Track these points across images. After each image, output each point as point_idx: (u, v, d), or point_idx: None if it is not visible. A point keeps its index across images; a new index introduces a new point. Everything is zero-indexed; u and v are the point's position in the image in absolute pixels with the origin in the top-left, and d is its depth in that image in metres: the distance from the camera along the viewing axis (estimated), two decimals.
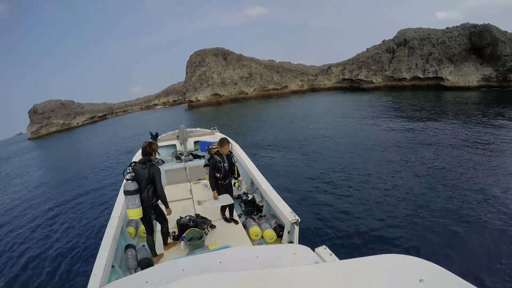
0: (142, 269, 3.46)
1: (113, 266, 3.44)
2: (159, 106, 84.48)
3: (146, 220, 3.94)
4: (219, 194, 4.62)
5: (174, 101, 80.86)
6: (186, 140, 8.31)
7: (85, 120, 77.97)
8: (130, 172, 3.68)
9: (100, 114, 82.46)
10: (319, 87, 54.03)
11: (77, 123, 75.82)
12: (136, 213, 3.66)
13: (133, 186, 3.61)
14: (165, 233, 4.22)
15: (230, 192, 4.78)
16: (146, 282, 1.77)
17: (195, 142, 8.34)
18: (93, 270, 3.07)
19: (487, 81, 43.00)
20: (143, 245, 4.20)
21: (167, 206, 4.04)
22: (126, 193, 3.61)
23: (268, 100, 49.62)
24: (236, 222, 4.80)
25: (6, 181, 18.58)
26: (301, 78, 56.77)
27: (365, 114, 23.02)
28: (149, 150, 3.96)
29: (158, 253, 4.06)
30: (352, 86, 50.06)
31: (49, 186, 14.55)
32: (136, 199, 3.62)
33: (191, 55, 61.03)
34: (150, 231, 4.03)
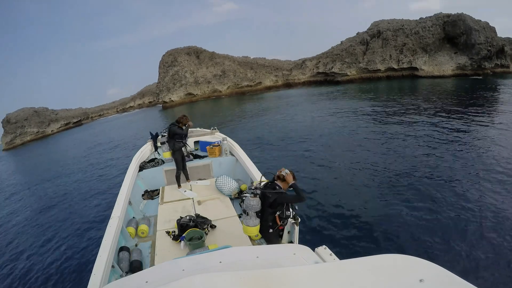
0: (132, 272, 3.43)
1: (113, 266, 3.38)
2: (136, 109, 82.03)
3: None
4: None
5: (150, 102, 78.29)
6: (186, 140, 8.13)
7: (60, 127, 74.93)
8: None
9: (75, 120, 79.51)
10: (293, 81, 52.45)
11: (52, 131, 72.73)
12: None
13: None
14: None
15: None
16: (146, 282, 1.77)
17: (195, 142, 8.11)
18: (93, 270, 2.98)
19: (462, 69, 42.09)
20: (136, 245, 4.19)
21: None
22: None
23: (242, 98, 47.78)
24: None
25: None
26: (276, 74, 55.14)
27: (347, 108, 21.93)
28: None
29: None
30: (326, 80, 48.69)
31: (45, 189, 14.27)
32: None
33: (163, 55, 59.09)
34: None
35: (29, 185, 16.55)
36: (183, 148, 6.19)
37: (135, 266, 3.61)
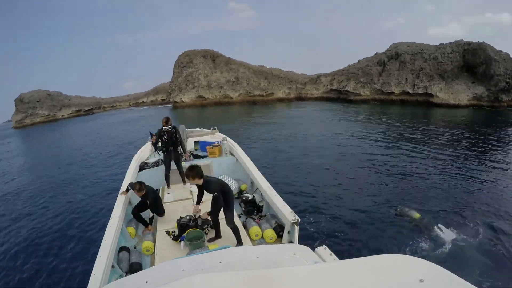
0: (131, 273, 3.34)
1: (113, 266, 3.40)
2: (148, 105, 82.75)
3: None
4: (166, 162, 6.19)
5: (163, 100, 78.96)
6: (186, 140, 8.18)
7: (71, 113, 76.04)
8: None
9: (86, 108, 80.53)
10: (306, 96, 52.31)
11: (62, 115, 73.92)
12: None
13: None
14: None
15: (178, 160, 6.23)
16: (146, 282, 1.77)
17: (195, 142, 8.18)
18: (93, 270, 2.99)
19: (478, 100, 41.37)
20: (135, 247, 4.21)
21: None
22: None
23: (253, 107, 47.72)
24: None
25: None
26: (289, 86, 55.00)
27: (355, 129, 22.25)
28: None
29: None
30: (339, 97, 48.39)
31: (45, 184, 13.83)
32: None
33: (180, 55, 59.59)
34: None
35: (26, 178, 16.19)
36: (179, 149, 6.37)
37: (135, 268, 3.64)
